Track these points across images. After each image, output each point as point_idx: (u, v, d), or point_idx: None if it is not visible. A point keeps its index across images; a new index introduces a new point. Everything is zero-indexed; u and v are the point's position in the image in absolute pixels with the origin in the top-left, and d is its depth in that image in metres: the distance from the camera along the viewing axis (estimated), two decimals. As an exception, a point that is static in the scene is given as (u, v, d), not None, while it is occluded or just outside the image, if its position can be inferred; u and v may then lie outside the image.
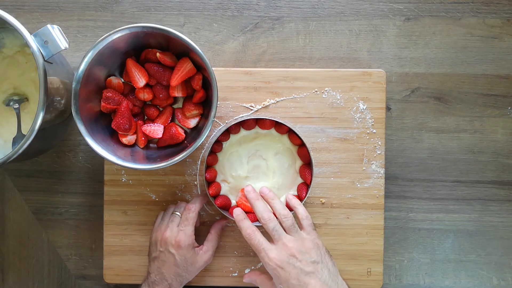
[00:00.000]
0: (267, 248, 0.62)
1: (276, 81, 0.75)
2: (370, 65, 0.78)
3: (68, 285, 0.79)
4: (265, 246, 0.62)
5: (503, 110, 0.78)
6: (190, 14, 0.78)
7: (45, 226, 0.79)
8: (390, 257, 0.79)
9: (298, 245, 0.62)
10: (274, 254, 0.61)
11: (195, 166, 0.76)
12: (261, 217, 0.64)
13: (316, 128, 0.75)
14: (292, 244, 0.62)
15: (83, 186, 0.79)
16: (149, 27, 0.64)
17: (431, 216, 0.79)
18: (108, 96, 0.69)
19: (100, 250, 0.78)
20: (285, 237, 0.63)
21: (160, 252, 0.68)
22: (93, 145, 0.64)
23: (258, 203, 0.65)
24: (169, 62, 0.69)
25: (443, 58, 0.78)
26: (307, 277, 0.60)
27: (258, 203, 0.65)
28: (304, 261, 0.61)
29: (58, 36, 0.60)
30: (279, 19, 0.78)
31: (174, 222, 0.69)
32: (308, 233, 0.64)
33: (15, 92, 0.69)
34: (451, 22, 0.78)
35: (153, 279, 0.67)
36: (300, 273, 0.60)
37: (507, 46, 0.78)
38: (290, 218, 0.64)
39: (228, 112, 0.75)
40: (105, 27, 0.78)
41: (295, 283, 0.60)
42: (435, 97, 0.78)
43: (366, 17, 0.78)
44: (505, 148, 0.78)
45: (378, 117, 0.75)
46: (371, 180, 0.75)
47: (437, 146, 0.78)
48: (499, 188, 0.78)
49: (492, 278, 0.79)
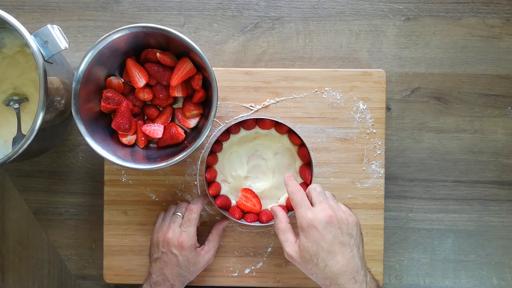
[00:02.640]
0: (308, 206, 0.61)
1: (276, 81, 0.75)
2: (370, 65, 0.78)
3: (68, 285, 0.79)
4: (307, 203, 0.61)
5: (503, 110, 0.78)
6: (190, 14, 0.78)
7: (45, 226, 0.79)
8: (390, 257, 0.79)
9: (340, 214, 0.60)
10: (314, 214, 0.59)
11: (195, 166, 0.76)
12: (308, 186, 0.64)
13: (316, 128, 0.75)
14: (334, 211, 0.60)
15: (83, 186, 0.79)
16: (149, 27, 0.64)
17: (431, 216, 0.79)
18: (108, 96, 0.69)
19: (100, 250, 0.78)
20: (328, 201, 0.61)
21: (162, 253, 0.68)
22: (93, 145, 0.64)
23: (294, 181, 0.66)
24: (169, 62, 0.69)
25: (443, 58, 0.78)
26: (338, 246, 0.59)
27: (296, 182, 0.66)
28: (340, 230, 0.59)
29: (58, 36, 0.60)
30: (279, 19, 0.78)
31: (176, 223, 0.69)
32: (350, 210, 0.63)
33: (15, 92, 0.69)
34: (451, 22, 0.78)
35: (155, 279, 0.67)
36: (333, 239, 0.59)
37: (507, 46, 0.78)
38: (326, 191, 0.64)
39: (228, 112, 0.75)
40: (105, 27, 0.78)
41: (324, 247, 0.58)
42: (435, 97, 0.78)
43: (366, 17, 0.78)
44: (505, 148, 0.78)
45: (378, 117, 0.75)
46: (371, 180, 0.75)
47: (437, 146, 0.78)
48: (499, 188, 0.78)
49: (492, 278, 0.79)
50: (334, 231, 0.59)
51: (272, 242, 0.75)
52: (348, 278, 0.58)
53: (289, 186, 0.64)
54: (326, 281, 0.59)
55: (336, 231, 0.59)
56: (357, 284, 0.58)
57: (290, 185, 0.64)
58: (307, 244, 0.59)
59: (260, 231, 0.75)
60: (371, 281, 0.60)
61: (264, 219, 0.71)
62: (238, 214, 0.72)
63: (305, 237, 0.59)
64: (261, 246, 0.75)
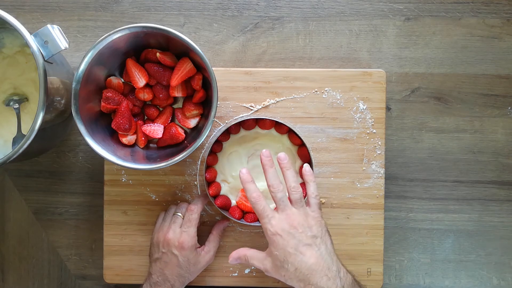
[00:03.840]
0: (271, 215, 0.62)
1: (276, 81, 0.75)
2: (370, 65, 0.78)
3: (68, 285, 0.79)
4: (268, 213, 0.63)
5: (503, 110, 0.78)
6: (190, 14, 0.78)
7: (45, 226, 0.79)
8: (390, 257, 0.79)
9: (301, 219, 0.62)
10: (276, 222, 0.62)
11: (195, 166, 0.76)
12: (271, 184, 0.64)
13: (316, 128, 0.75)
14: (296, 217, 0.62)
15: (83, 186, 0.79)
16: (149, 27, 0.64)
17: (431, 216, 0.79)
18: (108, 96, 0.69)
19: (100, 250, 0.78)
20: (290, 209, 0.63)
21: (162, 253, 0.68)
22: (93, 145, 0.64)
23: (271, 170, 0.65)
24: (169, 62, 0.69)
25: (443, 58, 0.78)
26: (304, 248, 0.61)
27: (271, 170, 0.65)
28: (304, 234, 0.61)
29: (58, 36, 0.60)
30: (279, 19, 0.78)
31: (176, 223, 0.69)
32: (313, 210, 0.64)
33: (15, 92, 0.69)
34: (451, 22, 0.78)
35: (155, 280, 0.67)
36: (298, 243, 0.61)
37: (507, 46, 0.78)
38: (299, 192, 0.64)
39: (228, 112, 0.75)
40: (105, 27, 0.78)
41: (291, 251, 0.60)
42: (435, 97, 0.78)
43: (366, 17, 0.78)
44: (505, 148, 0.78)
45: (378, 117, 0.75)
46: (371, 180, 0.75)
47: (437, 146, 0.78)
48: (499, 188, 0.78)
49: (492, 278, 0.79)
50: (298, 235, 0.61)
51: (272, 242, 0.75)
52: (320, 276, 0.60)
53: (248, 192, 0.64)
54: (300, 284, 0.60)
55: (299, 235, 0.61)
56: (330, 281, 0.59)
57: (249, 191, 0.64)
58: (275, 253, 0.61)
59: (260, 231, 0.75)
60: (345, 276, 0.61)
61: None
62: (238, 214, 0.72)
63: (272, 246, 0.62)
64: (261, 246, 0.75)
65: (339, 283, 0.60)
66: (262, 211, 0.63)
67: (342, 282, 0.60)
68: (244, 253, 0.66)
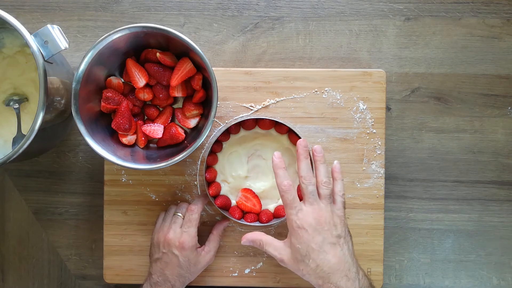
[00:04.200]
0: (299, 207, 0.61)
1: (276, 81, 0.75)
2: (370, 65, 0.78)
3: (68, 285, 0.79)
4: (297, 204, 0.62)
5: (503, 110, 0.78)
6: (190, 14, 0.78)
7: (45, 226, 0.79)
8: (390, 257, 0.79)
9: (328, 216, 0.61)
10: (303, 215, 0.61)
11: (195, 166, 0.76)
12: (304, 176, 0.63)
13: (316, 128, 0.75)
14: (323, 213, 0.61)
15: (83, 186, 0.79)
16: (149, 27, 0.64)
17: (431, 216, 0.79)
18: (108, 96, 0.69)
19: (100, 250, 0.78)
20: (318, 204, 0.62)
21: (163, 253, 0.68)
22: (93, 145, 0.64)
23: (306, 161, 0.64)
24: (169, 62, 0.69)
25: (443, 58, 0.78)
26: (328, 246, 0.60)
27: (306, 161, 0.64)
28: (329, 232, 0.61)
29: (58, 36, 0.60)
30: (279, 19, 0.78)
31: (177, 224, 0.69)
32: (338, 209, 0.64)
33: (15, 92, 0.69)
34: (451, 22, 0.78)
35: (155, 280, 0.67)
36: (323, 240, 0.60)
37: (507, 46, 0.78)
38: (329, 188, 0.63)
39: (228, 112, 0.75)
40: (105, 27, 0.78)
41: (315, 248, 0.60)
42: (435, 97, 0.78)
43: (366, 17, 0.78)
44: (505, 148, 0.78)
45: (378, 117, 0.75)
46: (371, 180, 0.75)
47: (437, 146, 0.78)
48: (499, 188, 0.78)
49: (492, 278, 0.79)
50: (324, 233, 0.60)
51: (272, 242, 0.75)
52: (340, 276, 0.59)
53: (279, 179, 0.63)
54: (319, 281, 0.60)
55: (325, 233, 0.60)
56: (349, 282, 0.59)
57: (280, 177, 0.63)
58: (298, 246, 0.60)
59: (260, 231, 0.75)
60: (363, 278, 0.61)
61: (264, 219, 0.71)
62: (238, 214, 0.72)
63: (295, 239, 0.61)
64: (261, 246, 0.75)
65: (358, 285, 0.60)
66: (291, 201, 0.61)
67: (361, 284, 0.60)
68: (260, 237, 0.65)
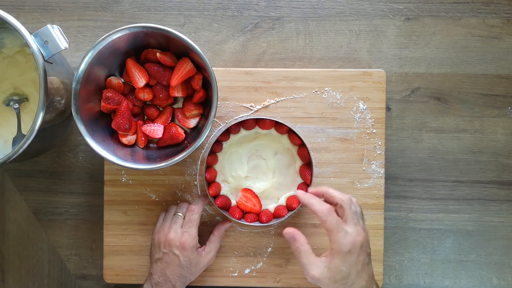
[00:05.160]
0: (345, 231, 0.61)
1: (276, 81, 0.75)
2: (370, 65, 0.78)
3: (68, 285, 0.79)
4: (342, 226, 0.61)
5: (503, 110, 0.78)
6: (190, 14, 0.78)
7: (45, 226, 0.79)
8: (390, 257, 0.79)
9: (366, 235, 0.62)
10: (352, 237, 0.60)
11: (195, 166, 0.76)
12: (342, 198, 0.62)
13: (316, 128, 0.75)
14: (364, 233, 0.62)
15: (83, 186, 0.79)
16: (149, 27, 0.64)
17: (431, 216, 0.79)
18: (108, 96, 0.69)
19: (100, 250, 0.78)
20: (360, 224, 0.62)
21: (164, 253, 0.68)
22: (93, 145, 0.64)
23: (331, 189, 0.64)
24: (169, 62, 0.69)
25: (443, 58, 0.78)
26: (367, 266, 0.62)
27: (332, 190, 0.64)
28: (366, 252, 0.62)
29: (58, 36, 0.60)
30: (279, 19, 0.78)
31: (177, 224, 0.69)
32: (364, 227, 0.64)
33: (15, 92, 0.69)
34: (451, 22, 0.78)
35: (156, 280, 0.67)
36: (363, 261, 0.61)
37: (507, 46, 0.78)
38: (359, 207, 0.64)
39: (228, 112, 0.75)
40: (105, 27, 0.78)
41: (356, 269, 0.60)
42: (435, 97, 0.78)
43: (366, 17, 0.78)
44: (505, 148, 0.78)
45: (378, 117, 0.75)
46: (371, 180, 0.75)
47: (437, 146, 0.78)
48: (499, 188, 0.78)
49: (492, 278, 0.79)
50: (364, 253, 0.61)
51: (272, 242, 0.75)
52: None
53: (315, 206, 0.62)
54: None
55: (365, 253, 0.62)
56: None
57: (315, 205, 0.62)
58: (342, 268, 0.60)
59: (260, 231, 0.75)
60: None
61: (264, 219, 0.71)
62: (238, 214, 0.72)
63: (341, 261, 0.60)
64: (261, 246, 0.75)
65: None
66: (336, 224, 0.61)
67: None
68: (302, 242, 0.63)
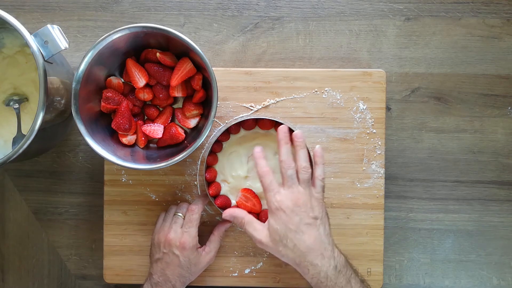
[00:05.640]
0: (276, 190, 0.64)
1: (276, 81, 0.75)
2: (370, 65, 0.78)
3: (68, 285, 0.79)
4: (275, 187, 0.64)
5: (503, 110, 0.78)
6: (190, 14, 0.78)
7: (45, 226, 0.79)
8: (390, 257, 0.79)
9: (305, 199, 0.64)
10: (282, 197, 0.64)
11: (195, 166, 0.76)
12: (283, 160, 0.65)
13: (316, 128, 0.75)
14: (301, 196, 0.64)
15: (83, 186, 0.79)
16: (149, 27, 0.64)
17: (431, 216, 0.79)
18: (108, 96, 0.69)
19: (100, 250, 0.78)
20: (297, 187, 0.64)
21: (163, 253, 0.68)
22: (93, 145, 0.64)
23: (286, 146, 0.66)
24: (169, 62, 0.69)
25: (443, 58, 0.78)
26: (305, 226, 0.63)
27: (286, 147, 0.66)
28: (306, 213, 0.63)
29: (58, 36, 0.60)
30: (279, 19, 0.78)
31: (177, 224, 0.69)
32: (317, 192, 0.65)
33: (15, 92, 0.69)
34: (451, 22, 0.78)
35: (156, 280, 0.67)
36: (300, 221, 0.63)
37: (507, 46, 0.78)
38: (308, 173, 0.65)
39: (228, 112, 0.75)
40: (105, 27, 0.78)
41: (292, 228, 0.62)
42: (435, 97, 0.78)
43: (366, 17, 0.78)
44: (505, 148, 0.78)
45: (378, 117, 0.75)
46: (371, 180, 0.75)
47: (437, 146, 0.78)
48: (499, 188, 0.78)
49: (492, 278, 0.79)
50: (301, 214, 0.63)
51: (272, 242, 0.75)
52: (315, 254, 0.62)
53: (259, 166, 0.66)
54: (296, 260, 0.63)
55: (302, 214, 0.63)
56: (325, 260, 0.62)
57: (259, 165, 0.66)
58: (276, 227, 0.63)
59: (260, 231, 0.75)
60: (338, 256, 0.64)
61: (264, 219, 0.71)
62: (238, 214, 0.72)
63: (274, 220, 0.63)
64: (261, 246, 0.75)
65: (333, 262, 0.63)
66: (269, 185, 0.64)
67: (336, 261, 0.63)
68: (242, 215, 0.68)
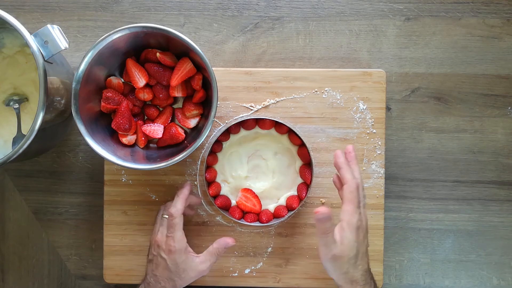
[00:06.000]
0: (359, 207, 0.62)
1: (276, 81, 0.75)
2: (370, 65, 0.78)
3: (68, 285, 0.79)
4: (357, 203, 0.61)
5: (503, 110, 0.78)
6: (190, 14, 0.78)
7: (45, 226, 0.79)
8: (390, 257, 0.79)
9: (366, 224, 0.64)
10: (362, 217, 0.62)
11: (195, 166, 0.76)
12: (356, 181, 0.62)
13: (316, 128, 0.75)
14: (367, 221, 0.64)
15: (83, 186, 0.79)
16: (149, 27, 0.64)
17: (431, 216, 0.79)
18: (108, 96, 0.69)
19: (100, 250, 0.78)
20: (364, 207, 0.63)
21: (153, 255, 0.68)
22: (93, 145, 0.64)
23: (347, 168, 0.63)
24: (169, 62, 0.69)
25: (443, 58, 0.78)
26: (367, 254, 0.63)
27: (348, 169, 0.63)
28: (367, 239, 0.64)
29: (58, 36, 0.60)
30: (279, 19, 0.78)
31: (164, 226, 0.67)
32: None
33: (15, 92, 0.69)
34: (451, 22, 0.78)
35: (148, 280, 0.67)
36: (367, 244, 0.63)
37: (507, 46, 0.78)
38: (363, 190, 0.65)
39: (228, 112, 0.75)
40: (105, 27, 0.78)
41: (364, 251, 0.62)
42: (435, 97, 0.78)
43: (366, 17, 0.78)
44: (505, 148, 0.78)
45: (378, 117, 0.75)
46: (371, 180, 0.75)
47: (437, 146, 0.78)
48: (499, 188, 0.78)
49: (492, 278, 0.79)
50: (367, 238, 0.63)
51: (272, 242, 0.75)
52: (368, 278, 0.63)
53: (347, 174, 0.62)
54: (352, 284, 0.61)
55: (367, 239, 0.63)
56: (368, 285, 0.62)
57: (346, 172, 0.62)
58: (354, 243, 0.60)
59: (260, 231, 0.75)
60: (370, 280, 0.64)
61: (264, 219, 0.71)
62: (238, 214, 0.72)
63: (352, 235, 0.60)
64: (261, 246, 0.75)
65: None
66: (355, 198, 0.61)
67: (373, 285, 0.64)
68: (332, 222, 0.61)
